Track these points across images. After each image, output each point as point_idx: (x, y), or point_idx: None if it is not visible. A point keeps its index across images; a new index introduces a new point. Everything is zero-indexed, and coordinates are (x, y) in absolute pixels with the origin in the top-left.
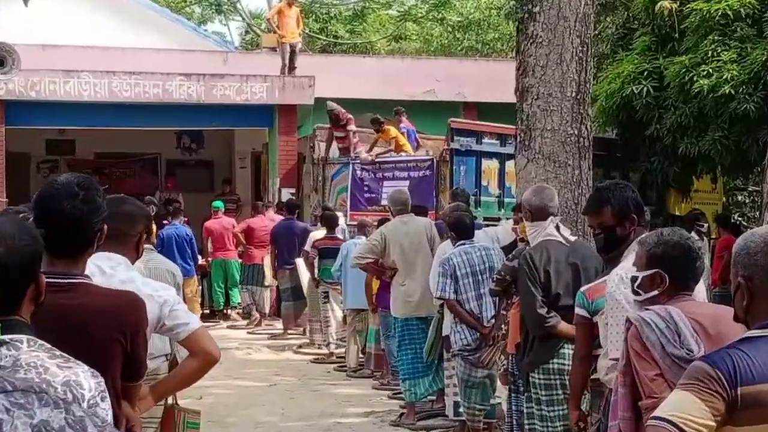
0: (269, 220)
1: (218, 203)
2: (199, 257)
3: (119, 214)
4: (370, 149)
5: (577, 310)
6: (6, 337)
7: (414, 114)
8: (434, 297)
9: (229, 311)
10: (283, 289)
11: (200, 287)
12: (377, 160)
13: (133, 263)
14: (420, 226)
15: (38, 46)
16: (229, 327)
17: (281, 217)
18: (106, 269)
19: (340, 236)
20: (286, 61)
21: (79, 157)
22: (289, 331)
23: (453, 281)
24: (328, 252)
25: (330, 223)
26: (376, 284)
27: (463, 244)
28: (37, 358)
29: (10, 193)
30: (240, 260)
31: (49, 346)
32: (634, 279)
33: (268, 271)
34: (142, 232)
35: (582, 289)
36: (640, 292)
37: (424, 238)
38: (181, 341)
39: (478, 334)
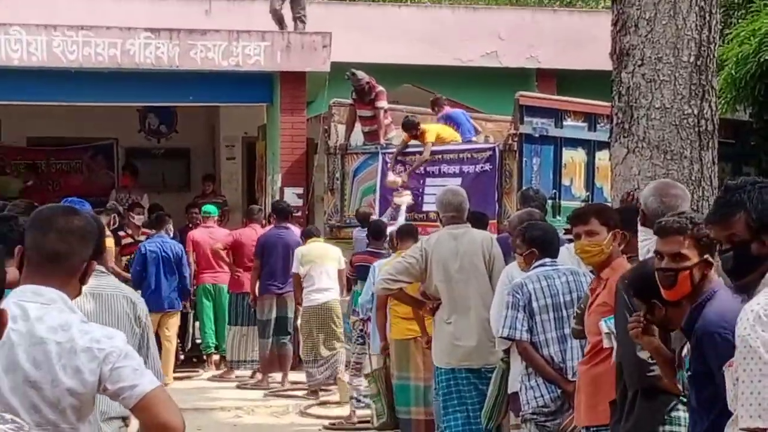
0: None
1: (211, 208)
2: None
3: (60, 230)
4: (393, 164)
5: None
6: None
7: (469, 86)
8: (497, 337)
9: (213, 358)
10: (264, 321)
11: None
12: (419, 149)
13: (73, 299)
14: (475, 243)
15: None
16: (211, 379)
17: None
18: (31, 311)
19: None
20: (279, 13)
21: (7, 144)
22: (290, 385)
23: (527, 316)
24: (363, 272)
25: (377, 232)
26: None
27: (543, 265)
28: None
29: None
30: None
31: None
32: None
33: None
34: (91, 257)
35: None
36: None
37: (480, 258)
38: (130, 409)
39: (559, 391)
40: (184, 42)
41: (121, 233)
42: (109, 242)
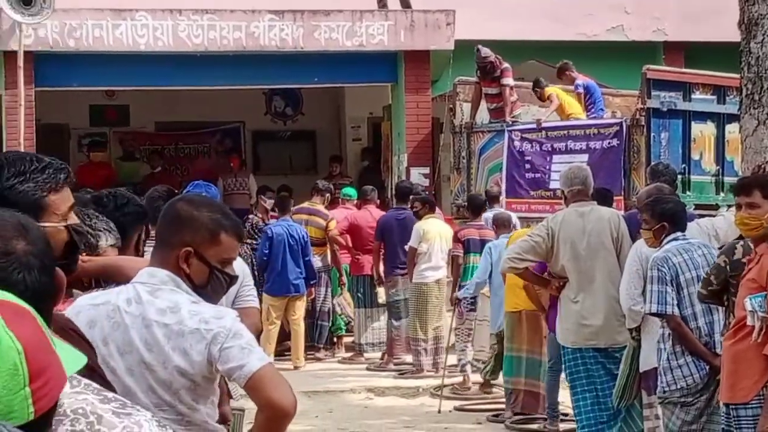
0: None
1: (350, 190)
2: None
3: (167, 215)
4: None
5: None
6: None
7: (595, 61)
8: (629, 310)
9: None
10: (393, 302)
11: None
12: (543, 125)
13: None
14: (603, 220)
15: None
16: (341, 361)
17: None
18: (143, 294)
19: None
20: None
21: (135, 129)
22: (427, 368)
23: (674, 290)
24: (473, 245)
25: (477, 207)
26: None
27: (676, 239)
28: (85, 403)
29: None
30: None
31: (96, 386)
32: None
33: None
34: (189, 241)
35: None
36: None
37: (607, 236)
38: (243, 389)
39: (707, 367)
40: (308, 23)
41: (251, 217)
42: (332, 224)
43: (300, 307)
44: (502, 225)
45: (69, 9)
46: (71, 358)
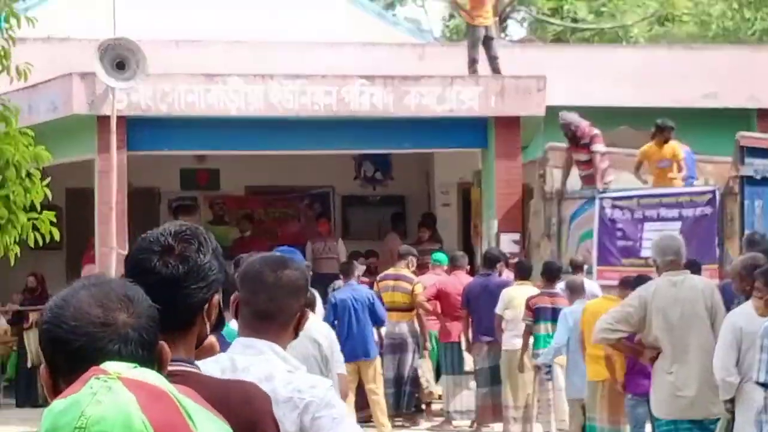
0: None
1: (440, 256)
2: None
3: (269, 290)
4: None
5: None
6: None
7: (688, 127)
8: (755, 381)
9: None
10: (479, 369)
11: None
12: (634, 193)
13: (287, 344)
14: (696, 289)
15: (170, 42)
16: (430, 429)
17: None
18: (239, 363)
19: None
20: (476, 54)
21: (225, 193)
22: None
23: None
24: (543, 313)
25: (551, 273)
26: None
27: None
28: None
29: (135, 241)
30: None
31: None
32: None
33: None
34: (303, 307)
35: None
36: None
37: (701, 306)
38: None
39: None
40: (398, 88)
41: (337, 282)
42: (418, 288)
43: (373, 372)
44: (575, 291)
45: (161, 74)
46: None
